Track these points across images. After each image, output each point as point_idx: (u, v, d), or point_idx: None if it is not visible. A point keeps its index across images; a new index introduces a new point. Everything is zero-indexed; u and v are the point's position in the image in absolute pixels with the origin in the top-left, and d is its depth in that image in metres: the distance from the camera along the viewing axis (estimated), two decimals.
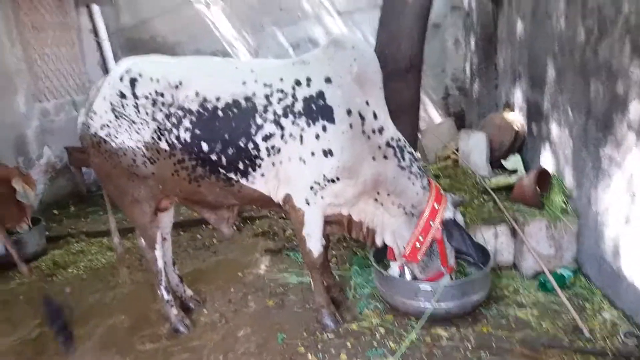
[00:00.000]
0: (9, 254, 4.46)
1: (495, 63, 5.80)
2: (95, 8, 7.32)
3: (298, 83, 2.89)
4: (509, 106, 5.19)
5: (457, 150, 5.21)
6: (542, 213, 3.72)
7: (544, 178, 3.88)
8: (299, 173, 2.92)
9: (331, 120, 2.84)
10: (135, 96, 2.90)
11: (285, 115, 2.85)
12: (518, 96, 4.92)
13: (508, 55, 5.26)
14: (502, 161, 4.78)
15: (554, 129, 3.99)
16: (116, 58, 7.26)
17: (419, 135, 5.59)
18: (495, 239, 3.80)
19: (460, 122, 7.25)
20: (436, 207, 3.10)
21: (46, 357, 3.30)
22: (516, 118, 4.85)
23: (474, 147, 4.83)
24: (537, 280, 3.61)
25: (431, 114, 7.73)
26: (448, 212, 3.14)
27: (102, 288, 4.16)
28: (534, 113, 4.45)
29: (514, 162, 4.68)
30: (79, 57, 7.12)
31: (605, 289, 3.34)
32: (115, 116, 2.94)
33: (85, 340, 3.44)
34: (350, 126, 2.88)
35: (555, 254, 3.66)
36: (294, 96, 2.87)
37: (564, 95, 3.76)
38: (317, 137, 2.85)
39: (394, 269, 3.42)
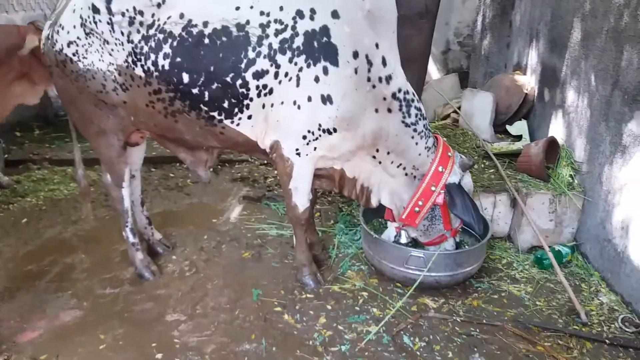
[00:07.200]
0: None
1: (511, 20, 5.38)
2: None
3: (300, 14, 2.46)
4: (520, 67, 4.83)
5: (459, 108, 4.88)
6: (546, 186, 3.48)
7: (552, 148, 3.61)
8: (292, 119, 2.57)
9: (334, 62, 2.46)
10: (110, 12, 2.48)
11: (282, 51, 2.45)
12: (532, 57, 4.55)
13: (527, 12, 4.84)
14: (507, 126, 4.48)
15: (570, 96, 3.67)
16: None
17: None
18: (493, 208, 3.56)
19: (461, 79, 6.87)
20: (440, 171, 2.82)
21: None
22: (527, 81, 4.51)
23: (479, 108, 4.51)
24: (532, 255, 3.43)
25: (429, 67, 7.31)
26: (453, 176, 2.85)
27: (62, 222, 3.84)
28: (549, 77, 4.10)
29: (519, 128, 4.38)
30: None
31: (605, 272, 3.17)
32: (86, 33, 2.55)
33: (39, 278, 3.15)
34: (355, 71, 2.50)
35: (554, 230, 3.47)
36: (294, 29, 2.45)
37: (589, 62, 3.42)
38: (317, 80, 2.47)
39: (391, 230, 3.19)
